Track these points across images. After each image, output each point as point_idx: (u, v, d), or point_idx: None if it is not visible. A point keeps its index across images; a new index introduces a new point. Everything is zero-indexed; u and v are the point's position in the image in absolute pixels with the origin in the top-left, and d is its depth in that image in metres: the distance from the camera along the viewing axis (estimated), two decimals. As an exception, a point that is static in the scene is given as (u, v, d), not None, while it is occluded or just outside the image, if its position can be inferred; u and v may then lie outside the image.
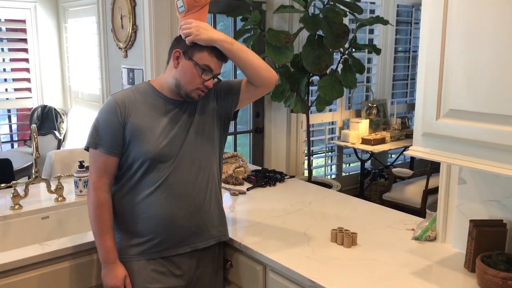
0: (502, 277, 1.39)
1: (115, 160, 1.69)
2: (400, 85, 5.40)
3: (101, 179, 1.68)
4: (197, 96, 1.70)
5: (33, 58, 4.60)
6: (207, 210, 1.77)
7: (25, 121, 4.77)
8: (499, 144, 1.29)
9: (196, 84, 1.67)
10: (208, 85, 1.68)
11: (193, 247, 1.76)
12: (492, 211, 1.65)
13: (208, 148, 1.78)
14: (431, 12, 1.42)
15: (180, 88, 1.69)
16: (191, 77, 1.66)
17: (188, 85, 1.67)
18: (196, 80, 1.66)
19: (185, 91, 1.68)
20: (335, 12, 3.29)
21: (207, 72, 1.66)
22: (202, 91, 1.69)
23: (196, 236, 1.76)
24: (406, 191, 3.94)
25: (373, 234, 1.90)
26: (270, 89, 1.81)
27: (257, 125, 4.10)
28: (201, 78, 1.66)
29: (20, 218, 2.11)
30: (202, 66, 1.64)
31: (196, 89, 1.68)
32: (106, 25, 3.86)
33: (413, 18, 5.23)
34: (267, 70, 1.73)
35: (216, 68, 1.68)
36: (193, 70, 1.65)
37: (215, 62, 1.67)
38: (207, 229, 1.78)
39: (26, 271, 1.70)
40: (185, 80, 1.67)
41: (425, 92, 1.46)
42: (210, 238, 1.79)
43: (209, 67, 1.65)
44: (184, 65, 1.67)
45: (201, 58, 1.65)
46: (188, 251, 1.75)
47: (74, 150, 3.09)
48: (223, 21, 3.91)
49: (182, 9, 1.75)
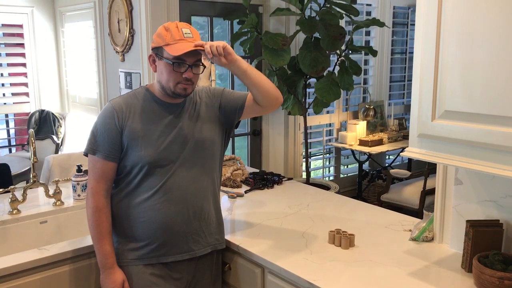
0: (499, 277, 1.40)
1: (113, 165, 1.69)
2: (397, 87, 5.42)
3: (99, 185, 1.68)
4: (183, 91, 1.68)
5: (30, 62, 4.61)
6: (205, 217, 1.77)
7: (23, 126, 4.77)
8: (494, 145, 1.30)
9: (175, 79, 1.66)
10: (187, 76, 1.66)
11: (191, 254, 1.76)
12: (489, 211, 1.66)
13: (208, 154, 1.78)
14: (425, 14, 1.43)
15: (165, 88, 1.70)
16: (168, 74, 1.66)
17: (168, 83, 1.67)
18: (173, 76, 1.66)
19: (169, 89, 1.68)
20: (331, 14, 3.31)
21: (179, 65, 1.65)
22: (186, 84, 1.67)
23: (193, 242, 1.76)
24: (404, 192, 3.94)
25: (371, 236, 1.91)
26: (275, 109, 1.84)
27: (255, 127, 4.10)
28: (176, 72, 1.65)
29: (19, 223, 2.11)
30: (172, 60, 1.64)
31: (178, 84, 1.67)
32: (103, 29, 3.86)
33: (409, 19, 5.25)
34: (275, 91, 1.76)
35: (187, 58, 1.64)
36: (167, 67, 1.66)
37: (184, 54, 1.63)
38: (204, 236, 1.78)
39: (24, 276, 1.70)
40: (164, 79, 1.68)
41: (421, 94, 1.47)
42: (207, 245, 1.79)
43: (180, 58, 1.64)
44: (159, 66, 1.69)
45: (169, 54, 1.64)
46: (186, 258, 1.75)
47: (72, 154, 3.09)
48: (220, 24, 3.92)
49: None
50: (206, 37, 3.71)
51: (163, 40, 1.65)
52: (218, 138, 1.82)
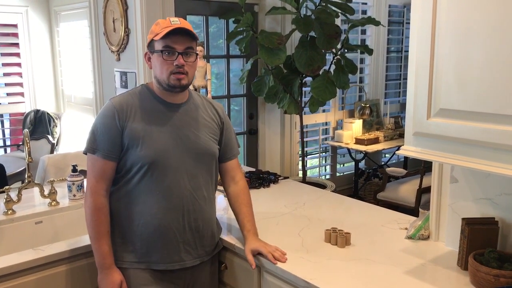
0: (494, 274, 1.40)
1: (112, 164, 1.68)
2: (392, 85, 5.43)
3: (98, 184, 1.67)
4: (177, 82, 1.67)
5: (25, 62, 4.59)
6: (199, 229, 1.76)
7: (18, 126, 4.75)
8: (490, 143, 1.30)
9: (168, 69, 1.65)
10: (178, 63, 1.64)
11: (182, 265, 1.75)
12: (484, 209, 1.67)
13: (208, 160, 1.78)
14: (421, 12, 1.43)
15: (160, 81, 1.69)
16: (160, 65, 1.66)
17: (162, 74, 1.67)
18: (165, 65, 1.65)
19: (164, 82, 1.68)
20: (327, 13, 3.31)
21: (169, 53, 1.64)
22: (179, 73, 1.66)
23: (185, 253, 1.74)
24: (400, 190, 3.95)
25: (367, 234, 1.91)
26: None
27: (251, 126, 4.10)
28: (167, 60, 1.64)
29: (14, 224, 2.10)
30: (161, 49, 1.64)
31: (171, 74, 1.65)
32: (98, 29, 3.85)
33: (405, 18, 5.25)
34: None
35: (176, 45, 1.64)
36: (159, 58, 1.66)
37: (172, 40, 1.63)
38: (196, 247, 1.77)
39: (19, 276, 1.69)
40: (158, 71, 1.68)
41: (416, 92, 1.47)
42: (197, 257, 1.78)
43: (169, 46, 1.64)
44: (153, 61, 1.70)
45: (159, 45, 1.65)
46: (176, 268, 1.74)
47: (68, 154, 3.09)
48: (216, 23, 3.92)
49: None
50: (201, 36, 3.71)
51: (153, 33, 1.67)
52: (215, 148, 1.82)
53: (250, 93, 3.81)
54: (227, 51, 3.90)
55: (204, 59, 2.69)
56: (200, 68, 2.58)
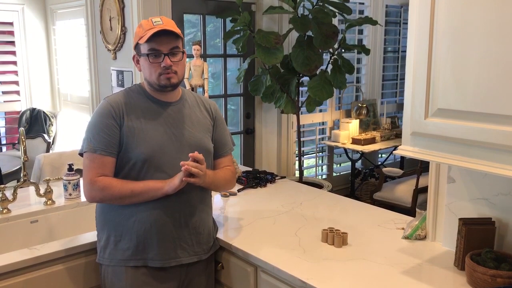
0: (491, 274, 1.40)
1: (113, 160, 1.68)
2: (389, 85, 5.43)
3: (97, 174, 1.66)
4: (167, 81, 1.69)
5: (21, 60, 4.57)
6: (195, 226, 1.76)
7: (14, 125, 4.73)
8: (487, 143, 1.30)
9: (156, 71, 1.67)
10: (166, 65, 1.66)
11: (178, 262, 1.74)
12: (481, 209, 1.67)
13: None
14: (418, 12, 1.43)
15: (151, 83, 1.71)
16: (148, 68, 1.68)
17: (151, 76, 1.69)
18: (153, 68, 1.67)
19: (154, 83, 1.70)
20: (324, 13, 3.31)
21: (155, 56, 1.66)
22: (168, 74, 1.68)
23: (181, 249, 1.74)
24: (397, 190, 3.96)
25: (364, 234, 1.91)
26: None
27: (247, 126, 4.10)
28: (154, 63, 1.66)
29: (9, 223, 2.09)
30: (147, 52, 1.66)
31: (159, 76, 1.68)
32: (94, 27, 3.84)
33: (402, 18, 5.26)
34: (229, 186, 1.94)
35: (161, 47, 1.65)
36: (146, 61, 1.68)
37: (156, 42, 1.64)
38: (192, 245, 1.76)
39: (14, 276, 1.68)
40: (147, 73, 1.70)
41: (413, 92, 1.47)
42: (194, 254, 1.78)
43: (154, 49, 1.65)
44: (141, 63, 1.72)
45: (144, 48, 1.67)
46: (173, 265, 1.73)
47: (63, 153, 3.07)
48: (213, 22, 3.91)
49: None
50: (199, 35, 3.70)
51: (137, 36, 1.68)
52: (210, 145, 1.83)
53: (247, 92, 3.80)
54: (224, 50, 3.90)
55: (201, 58, 2.68)
56: (197, 67, 2.58)
